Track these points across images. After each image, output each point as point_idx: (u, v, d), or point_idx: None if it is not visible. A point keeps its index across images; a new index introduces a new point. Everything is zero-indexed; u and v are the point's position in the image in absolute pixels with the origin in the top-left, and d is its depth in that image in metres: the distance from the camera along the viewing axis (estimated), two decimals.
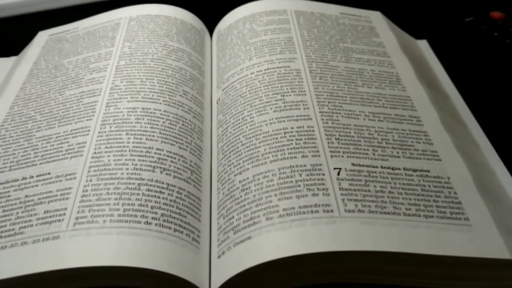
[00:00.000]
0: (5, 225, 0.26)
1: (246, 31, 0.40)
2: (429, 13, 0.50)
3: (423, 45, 0.44)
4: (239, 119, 0.32)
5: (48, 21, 0.46)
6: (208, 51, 0.42)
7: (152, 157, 0.29)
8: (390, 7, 0.47)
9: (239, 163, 0.29)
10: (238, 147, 0.30)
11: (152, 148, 0.29)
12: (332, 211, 0.25)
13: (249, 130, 0.31)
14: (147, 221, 0.25)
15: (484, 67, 0.42)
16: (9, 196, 0.27)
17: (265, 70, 0.35)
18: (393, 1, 0.52)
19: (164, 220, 0.26)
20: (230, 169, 0.30)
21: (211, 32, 0.45)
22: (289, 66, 0.35)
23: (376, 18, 0.43)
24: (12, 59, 0.43)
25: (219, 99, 0.36)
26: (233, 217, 0.27)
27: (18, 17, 0.52)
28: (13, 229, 0.25)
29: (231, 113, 0.33)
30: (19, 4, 0.51)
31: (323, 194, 0.26)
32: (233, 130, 0.32)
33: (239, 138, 0.31)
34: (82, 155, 0.29)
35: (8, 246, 0.25)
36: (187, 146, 0.31)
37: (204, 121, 0.34)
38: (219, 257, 0.26)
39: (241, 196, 0.28)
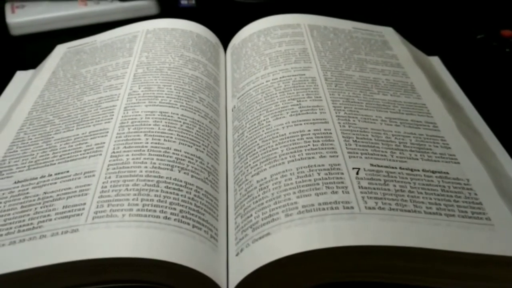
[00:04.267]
0: (24, 220, 0.26)
1: (261, 43, 0.41)
2: (439, 30, 0.51)
3: (435, 61, 0.45)
4: (255, 124, 0.32)
5: (65, 39, 0.47)
6: (223, 64, 0.43)
7: (170, 157, 0.29)
8: (401, 24, 0.47)
9: (256, 164, 0.29)
10: (254, 150, 0.30)
11: (170, 149, 0.30)
12: (352, 207, 0.25)
13: (265, 133, 0.31)
14: (166, 216, 0.25)
15: (498, 81, 0.43)
16: (27, 193, 0.27)
17: (280, 78, 0.36)
18: (405, 18, 0.53)
19: (182, 216, 0.26)
20: (247, 170, 0.30)
21: (224, 48, 0.45)
22: (304, 74, 0.36)
23: (388, 33, 0.44)
24: (30, 71, 0.44)
25: (235, 107, 0.36)
26: (251, 215, 0.27)
27: (36, 35, 0.53)
28: (31, 224, 0.25)
29: (247, 119, 0.33)
30: (37, 22, 0.53)
31: (343, 192, 0.26)
32: (249, 134, 0.32)
33: (256, 141, 0.31)
34: (101, 154, 0.29)
35: (26, 239, 0.24)
36: (204, 149, 0.31)
37: (220, 128, 0.34)
38: (237, 254, 0.26)
39: (259, 195, 0.27)
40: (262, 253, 0.24)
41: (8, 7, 0.54)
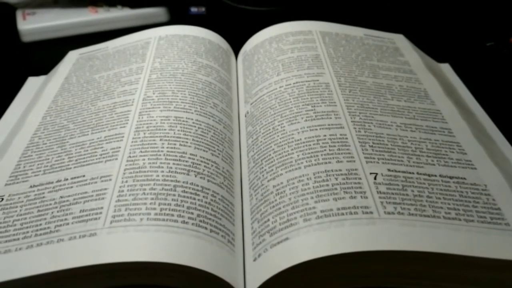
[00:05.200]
0: (40, 224, 0.26)
1: (273, 49, 0.41)
2: (449, 38, 0.51)
3: (446, 68, 0.45)
4: (269, 129, 0.32)
5: (76, 45, 0.47)
6: (234, 70, 0.43)
7: (186, 161, 0.29)
8: (411, 31, 0.47)
9: (272, 170, 0.29)
10: (270, 155, 0.30)
11: (186, 153, 0.29)
12: (371, 212, 0.25)
13: (280, 138, 0.31)
14: (184, 221, 0.25)
15: (509, 88, 0.43)
16: (43, 197, 0.27)
17: (294, 83, 0.36)
18: (414, 26, 0.53)
19: (200, 221, 0.26)
20: (263, 175, 0.29)
21: (235, 54, 0.45)
22: (317, 80, 0.36)
23: (399, 40, 0.44)
24: (42, 77, 0.44)
25: (248, 113, 0.36)
26: (268, 220, 0.27)
27: (47, 41, 0.53)
28: (48, 227, 0.25)
29: (261, 124, 0.33)
30: (48, 29, 0.53)
31: (361, 197, 0.26)
32: (264, 139, 0.32)
33: (271, 146, 0.31)
34: (116, 159, 0.29)
35: (44, 243, 0.24)
36: (219, 154, 0.31)
37: (234, 133, 0.34)
38: (255, 260, 0.25)
39: (275, 200, 0.27)
40: (281, 258, 0.24)
41: (19, 14, 0.54)
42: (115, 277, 0.24)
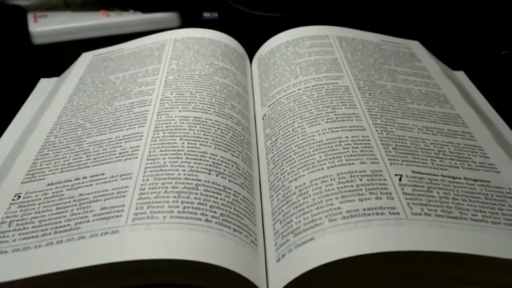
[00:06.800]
0: (60, 221, 0.25)
1: (290, 53, 0.41)
2: (463, 46, 0.51)
3: (461, 76, 0.45)
4: (289, 131, 0.32)
5: (87, 48, 0.46)
6: (249, 74, 0.42)
7: (207, 161, 0.28)
8: (425, 39, 0.47)
9: (293, 171, 0.29)
10: (290, 156, 0.30)
11: (207, 153, 0.29)
12: (398, 213, 0.25)
13: (301, 140, 0.31)
14: (207, 219, 0.25)
15: None
16: (62, 195, 0.27)
17: (312, 86, 0.35)
18: (429, 33, 0.53)
19: (223, 220, 0.25)
20: (284, 176, 0.29)
21: (249, 59, 0.45)
22: (336, 83, 0.36)
23: (415, 46, 0.44)
24: (54, 79, 0.44)
25: (265, 115, 0.36)
26: (291, 220, 0.26)
27: (58, 44, 0.53)
28: (68, 225, 0.25)
29: (280, 126, 0.33)
30: (59, 32, 0.53)
31: (387, 197, 0.26)
32: (284, 141, 0.32)
33: (291, 148, 0.31)
34: (136, 157, 0.29)
35: (64, 241, 0.24)
36: (238, 154, 0.30)
37: (251, 135, 0.34)
38: (278, 260, 0.25)
39: (298, 201, 0.27)
40: (307, 258, 0.23)
41: (30, 16, 0.54)
42: (137, 275, 0.23)
